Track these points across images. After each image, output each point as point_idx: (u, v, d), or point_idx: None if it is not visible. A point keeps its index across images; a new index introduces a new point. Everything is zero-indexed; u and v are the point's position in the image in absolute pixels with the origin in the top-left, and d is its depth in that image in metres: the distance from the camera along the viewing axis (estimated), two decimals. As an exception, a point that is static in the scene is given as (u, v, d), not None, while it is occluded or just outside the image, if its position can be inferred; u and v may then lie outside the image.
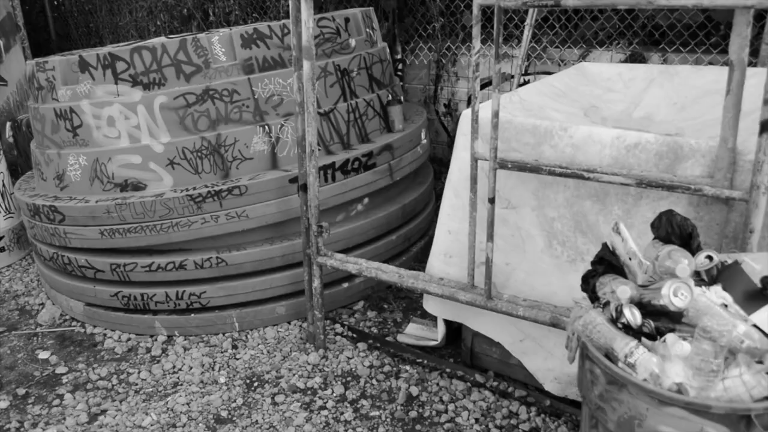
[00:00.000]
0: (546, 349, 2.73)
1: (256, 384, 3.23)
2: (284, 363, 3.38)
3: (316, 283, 3.32)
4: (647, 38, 4.20)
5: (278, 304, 3.68)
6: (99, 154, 3.60)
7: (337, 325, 3.66)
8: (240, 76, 3.59)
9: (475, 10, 2.56)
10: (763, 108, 2.04)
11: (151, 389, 3.27)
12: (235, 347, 3.56)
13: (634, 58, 4.14)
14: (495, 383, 3.03)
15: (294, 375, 3.27)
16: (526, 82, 4.41)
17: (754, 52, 3.38)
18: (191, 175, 3.56)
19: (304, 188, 3.24)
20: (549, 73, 4.21)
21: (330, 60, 3.84)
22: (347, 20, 3.99)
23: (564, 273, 2.58)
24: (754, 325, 1.76)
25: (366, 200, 3.87)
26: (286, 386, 3.18)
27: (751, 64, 3.45)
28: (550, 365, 2.73)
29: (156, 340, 3.68)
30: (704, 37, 3.90)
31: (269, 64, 3.68)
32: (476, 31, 2.59)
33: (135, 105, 3.51)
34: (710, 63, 3.85)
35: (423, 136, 4.24)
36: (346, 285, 3.82)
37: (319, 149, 3.68)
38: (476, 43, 2.59)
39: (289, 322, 3.74)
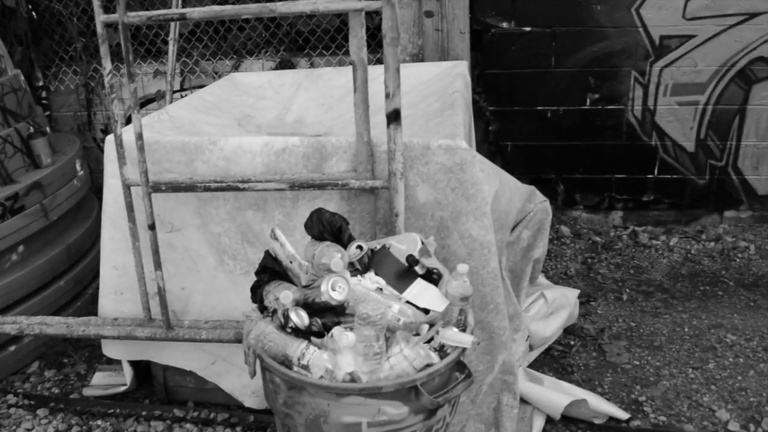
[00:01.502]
0: (238, 366, 2.68)
1: None
2: (-56, 458, 2.84)
3: (-31, 354, 2.84)
4: (293, 45, 4.37)
5: (-73, 390, 3.09)
6: None
7: (10, 396, 3.18)
8: None
9: (99, 28, 2.39)
10: (387, 101, 2.22)
11: None
12: None
13: (284, 65, 4.28)
14: (196, 413, 2.89)
15: (-41, 468, 2.77)
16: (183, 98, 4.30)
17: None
18: None
19: (-70, 249, 2.74)
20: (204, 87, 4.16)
21: (-54, 96, 3.31)
22: (-40, 49, 3.47)
23: (240, 287, 2.55)
24: (408, 302, 1.91)
25: (21, 248, 3.42)
26: (-49, 484, 2.68)
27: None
28: (245, 381, 2.69)
29: None
30: (343, 39, 4.18)
31: None
32: (104, 50, 2.41)
33: None
34: (351, 64, 4.13)
35: (78, 167, 3.89)
36: (13, 348, 3.34)
37: (-53, 200, 3.15)
38: (106, 64, 2.42)
39: (-55, 408, 3.16)
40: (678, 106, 4.18)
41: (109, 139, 2.58)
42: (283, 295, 1.82)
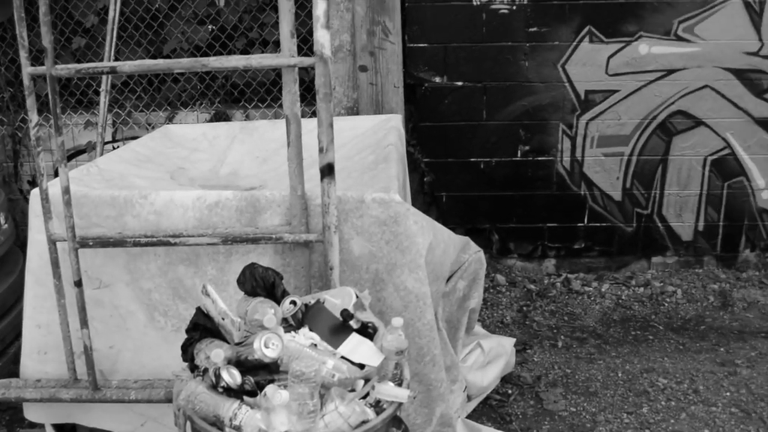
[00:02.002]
0: (169, 428, 2.57)
1: None
2: None
3: None
4: (228, 97, 4.37)
5: None
6: None
7: None
8: None
9: (26, 81, 2.35)
10: (320, 156, 2.24)
11: None
12: None
13: (219, 117, 4.27)
14: (124, 478, 2.76)
15: None
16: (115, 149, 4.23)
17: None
18: None
19: None
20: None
21: None
22: None
23: (171, 344, 2.47)
24: (343, 357, 1.89)
25: (-63, 307, 3.25)
26: None
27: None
28: (177, 442, 2.59)
29: None
30: (278, 92, 4.20)
31: None
32: (31, 102, 2.37)
33: None
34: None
35: (2, 220, 3.74)
36: (-75, 414, 3.14)
37: None
38: (33, 116, 2.37)
39: None
40: (604, 157, 4.35)
41: (35, 193, 2.51)
42: (214, 353, 1.77)
